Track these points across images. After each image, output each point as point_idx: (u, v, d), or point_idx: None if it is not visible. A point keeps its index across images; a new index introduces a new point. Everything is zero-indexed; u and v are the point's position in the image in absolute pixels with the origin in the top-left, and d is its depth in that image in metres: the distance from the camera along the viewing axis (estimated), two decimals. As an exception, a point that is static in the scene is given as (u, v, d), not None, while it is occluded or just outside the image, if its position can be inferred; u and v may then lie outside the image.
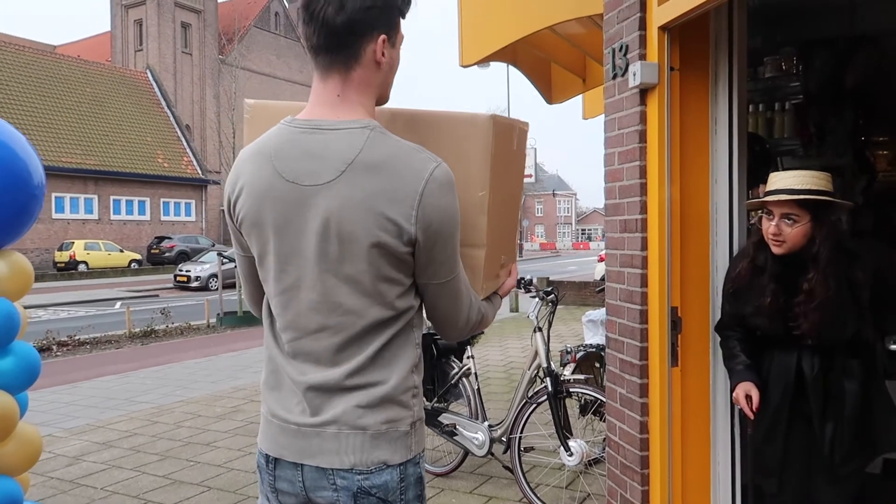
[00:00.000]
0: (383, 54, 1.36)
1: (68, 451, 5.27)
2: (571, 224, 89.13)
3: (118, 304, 18.29)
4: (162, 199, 35.95)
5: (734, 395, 2.49)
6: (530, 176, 23.71)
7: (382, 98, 1.45)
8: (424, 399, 4.44)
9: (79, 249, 29.33)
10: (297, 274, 1.35)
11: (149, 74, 40.21)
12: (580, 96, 5.50)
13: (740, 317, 2.53)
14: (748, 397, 2.45)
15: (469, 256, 1.49)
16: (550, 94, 5.35)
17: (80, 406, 6.77)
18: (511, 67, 5.12)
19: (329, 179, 1.30)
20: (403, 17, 1.40)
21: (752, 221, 3.04)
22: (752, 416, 2.45)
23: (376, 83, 1.39)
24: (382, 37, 1.35)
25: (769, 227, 2.37)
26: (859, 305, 2.33)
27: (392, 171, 1.29)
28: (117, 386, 7.74)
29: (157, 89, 39.74)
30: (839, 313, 2.32)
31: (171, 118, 38.98)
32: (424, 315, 1.47)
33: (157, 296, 21.06)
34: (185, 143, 38.48)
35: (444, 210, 1.31)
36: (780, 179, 2.36)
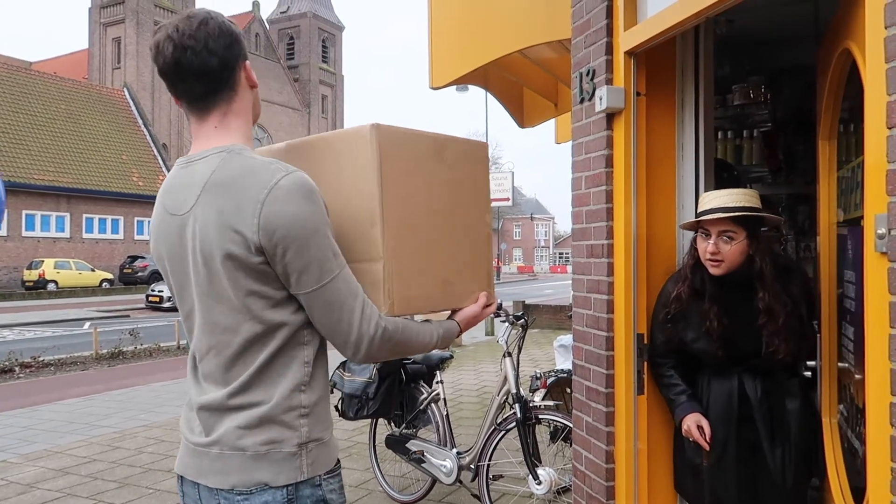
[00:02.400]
0: (250, 76, 1.48)
1: (22, 477, 5.07)
2: (549, 248, 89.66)
3: (87, 324, 17.92)
4: (136, 218, 35.49)
5: (685, 428, 2.46)
6: (507, 199, 23.76)
7: (257, 115, 1.55)
8: (392, 425, 4.42)
9: (48, 268, 28.78)
10: (190, 299, 1.43)
11: (126, 93, 39.93)
12: (553, 120, 5.51)
13: (676, 343, 2.52)
14: (700, 428, 2.42)
15: (366, 272, 1.46)
16: (522, 117, 5.36)
17: (38, 430, 6.55)
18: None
19: (192, 205, 1.38)
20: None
21: None
22: (708, 447, 2.41)
23: (250, 106, 1.49)
24: (247, 62, 1.46)
25: (707, 246, 2.38)
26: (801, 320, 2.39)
27: (239, 185, 1.33)
28: (79, 409, 7.52)
29: (133, 108, 39.45)
30: (800, 328, 2.36)
31: (148, 137, 38.66)
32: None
33: (128, 316, 20.67)
34: (161, 162, 38.13)
35: (290, 216, 1.30)
36: (714, 199, 2.39)
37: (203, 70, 1.37)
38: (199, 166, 1.39)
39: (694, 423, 2.42)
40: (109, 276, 31.31)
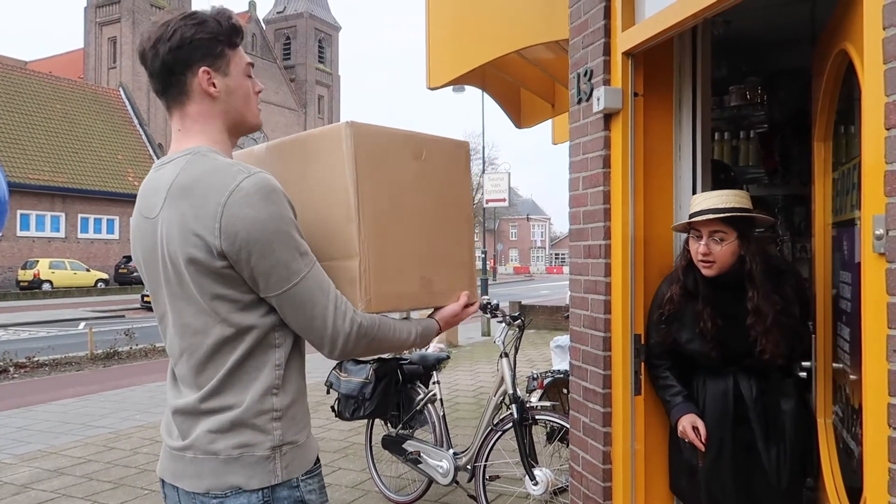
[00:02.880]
0: (214, 85, 1.42)
1: (17, 478, 5.04)
2: (545, 248, 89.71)
3: (82, 324, 17.86)
4: (131, 218, 35.35)
5: (680, 429, 2.46)
6: (504, 200, 23.76)
7: (242, 124, 1.50)
8: (388, 425, 4.41)
9: (43, 268, 28.69)
10: (163, 302, 1.43)
11: (121, 92, 39.82)
12: (550, 121, 5.51)
13: (670, 344, 2.53)
14: (695, 429, 2.43)
15: (343, 269, 1.46)
16: (520, 118, 5.36)
17: (32, 431, 6.52)
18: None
19: (160, 208, 1.38)
20: (234, 46, 1.46)
21: None
22: (703, 448, 2.42)
23: (216, 112, 1.45)
24: (203, 69, 1.41)
25: (699, 247, 2.39)
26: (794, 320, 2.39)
27: (201, 188, 1.33)
28: (74, 410, 7.49)
29: (129, 107, 39.34)
30: (792, 327, 2.37)
31: (144, 136, 38.56)
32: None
33: (123, 316, 20.60)
34: (156, 162, 38.05)
35: (252, 219, 1.29)
36: (704, 200, 2.40)
37: (151, 70, 1.42)
38: (167, 169, 1.41)
39: (689, 424, 2.43)
40: (104, 276, 31.22)
